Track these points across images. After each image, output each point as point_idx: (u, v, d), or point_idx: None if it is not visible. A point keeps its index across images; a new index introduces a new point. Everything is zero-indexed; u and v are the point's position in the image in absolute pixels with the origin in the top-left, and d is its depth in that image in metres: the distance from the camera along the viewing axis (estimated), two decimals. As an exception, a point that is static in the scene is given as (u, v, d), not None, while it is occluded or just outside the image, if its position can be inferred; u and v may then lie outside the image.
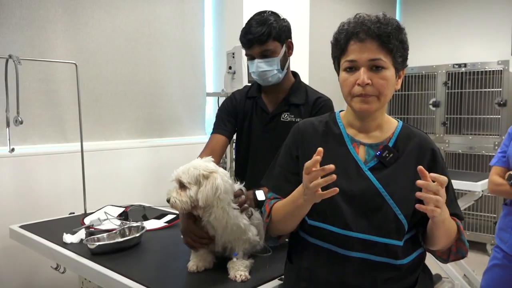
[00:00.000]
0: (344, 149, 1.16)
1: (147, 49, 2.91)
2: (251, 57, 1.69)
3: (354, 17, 1.12)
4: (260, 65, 1.66)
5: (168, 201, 1.29)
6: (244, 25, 1.70)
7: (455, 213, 1.15)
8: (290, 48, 1.72)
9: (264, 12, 1.69)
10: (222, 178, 1.27)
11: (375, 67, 1.08)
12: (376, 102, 1.10)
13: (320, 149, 0.97)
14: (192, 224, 1.38)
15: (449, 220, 1.07)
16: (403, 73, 1.16)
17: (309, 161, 0.98)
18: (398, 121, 1.21)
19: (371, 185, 1.10)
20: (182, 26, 3.11)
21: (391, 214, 1.07)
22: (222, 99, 2.88)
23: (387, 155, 1.12)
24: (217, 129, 1.80)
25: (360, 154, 1.15)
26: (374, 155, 1.14)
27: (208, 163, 1.30)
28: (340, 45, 1.12)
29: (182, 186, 1.27)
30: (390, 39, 1.06)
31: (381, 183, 1.09)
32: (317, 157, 0.97)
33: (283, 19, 1.69)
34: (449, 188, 1.15)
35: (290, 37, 1.72)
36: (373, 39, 1.07)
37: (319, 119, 1.26)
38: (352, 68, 1.10)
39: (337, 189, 0.96)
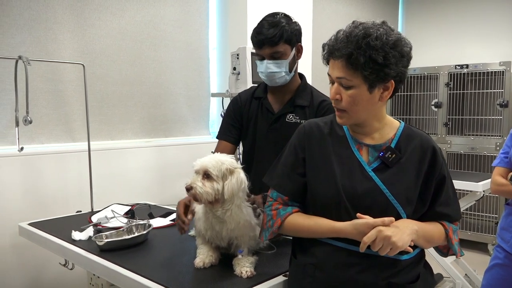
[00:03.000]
0: (348, 150, 1.19)
1: (152, 50, 2.95)
2: (260, 57, 1.71)
3: (335, 34, 1.15)
4: (269, 66, 1.68)
5: (189, 189, 1.29)
6: (255, 25, 1.71)
7: (446, 214, 1.19)
8: (299, 51, 1.75)
9: (277, 14, 1.70)
10: (243, 173, 1.33)
11: (342, 85, 1.12)
12: (347, 116, 1.15)
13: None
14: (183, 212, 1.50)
15: (425, 230, 1.13)
16: (391, 85, 1.12)
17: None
18: (400, 122, 1.24)
19: (374, 186, 1.13)
20: (186, 27, 3.14)
21: (394, 213, 1.11)
22: (226, 100, 2.92)
23: (390, 156, 1.16)
24: (223, 135, 1.85)
25: (364, 155, 1.18)
26: (377, 156, 1.17)
27: (232, 159, 1.35)
28: (325, 60, 1.19)
29: (207, 177, 1.30)
30: (352, 58, 1.08)
31: (385, 183, 1.13)
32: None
33: (295, 22, 1.72)
34: (446, 186, 1.18)
35: (300, 41, 1.75)
36: (340, 58, 1.11)
37: (324, 120, 1.29)
38: (332, 82, 1.16)
39: None
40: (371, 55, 1.07)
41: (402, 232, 1.05)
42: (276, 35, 1.64)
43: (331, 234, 1.14)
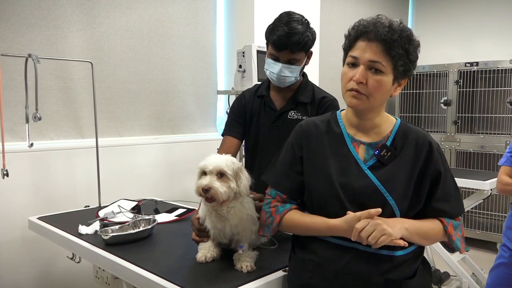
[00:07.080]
0: (344, 148, 1.20)
1: (160, 48, 2.98)
2: (274, 58, 1.70)
3: (373, 17, 1.15)
4: (284, 70, 1.69)
5: (206, 190, 1.26)
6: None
7: (443, 210, 1.18)
8: (309, 57, 1.76)
9: (301, 19, 1.67)
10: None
11: (373, 69, 1.12)
12: (365, 101, 1.14)
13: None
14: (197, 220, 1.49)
15: (417, 227, 1.13)
16: (404, 82, 1.18)
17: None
18: (396, 119, 1.25)
19: (370, 184, 1.14)
20: (194, 26, 3.17)
21: (389, 210, 1.12)
22: (232, 97, 2.94)
23: (385, 154, 1.16)
24: (229, 131, 1.86)
25: (360, 153, 1.19)
26: (373, 154, 1.18)
27: (236, 159, 1.38)
28: (350, 39, 1.18)
29: (221, 177, 1.30)
30: (394, 46, 1.09)
31: (380, 181, 1.14)
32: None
33: (313, 30, 1.71)
34: (442, 182, 1.17)
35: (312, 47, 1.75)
36: (379, 42, 1.10)
37: (321, 118, 1.30)
38: (354, 64, 1.15)
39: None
40: (408, 48, 1.11)
41: (392, 223, 1.08)
42: (300, 44, 1.63)
43: (326, 232, 1.16)
